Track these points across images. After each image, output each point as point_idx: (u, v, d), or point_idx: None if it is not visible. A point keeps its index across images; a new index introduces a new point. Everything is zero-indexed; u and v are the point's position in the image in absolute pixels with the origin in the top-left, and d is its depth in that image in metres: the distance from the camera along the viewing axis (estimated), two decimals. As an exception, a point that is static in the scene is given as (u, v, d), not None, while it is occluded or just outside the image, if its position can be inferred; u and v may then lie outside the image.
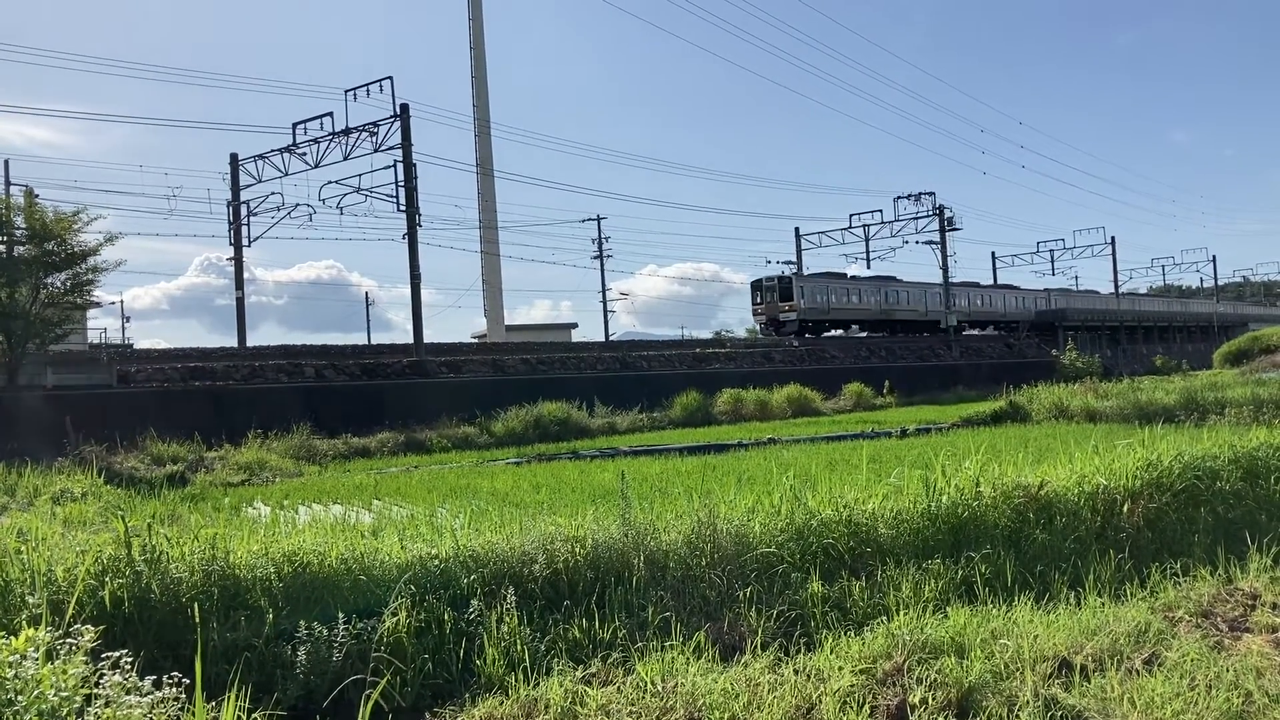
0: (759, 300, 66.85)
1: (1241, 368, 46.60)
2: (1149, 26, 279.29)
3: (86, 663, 4.83)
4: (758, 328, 69.37)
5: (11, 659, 4.56)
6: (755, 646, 6.66)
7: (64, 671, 4.60)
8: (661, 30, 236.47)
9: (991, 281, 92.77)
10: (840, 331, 70.44)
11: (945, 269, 69.90)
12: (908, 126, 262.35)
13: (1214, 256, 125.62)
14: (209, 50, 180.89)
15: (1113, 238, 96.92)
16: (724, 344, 63.70)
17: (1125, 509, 9.48)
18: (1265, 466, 10.76)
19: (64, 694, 4.43)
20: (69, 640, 5.08)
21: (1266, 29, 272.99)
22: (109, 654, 4.91)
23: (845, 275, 71.24)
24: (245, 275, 49.17)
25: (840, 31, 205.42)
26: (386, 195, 41.94)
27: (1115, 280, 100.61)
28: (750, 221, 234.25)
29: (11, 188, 39.95)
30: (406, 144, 41.50)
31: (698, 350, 53.53)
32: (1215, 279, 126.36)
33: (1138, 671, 6.07)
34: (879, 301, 71.21)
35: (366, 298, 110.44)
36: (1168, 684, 5.75)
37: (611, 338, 64.22)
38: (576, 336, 72.87)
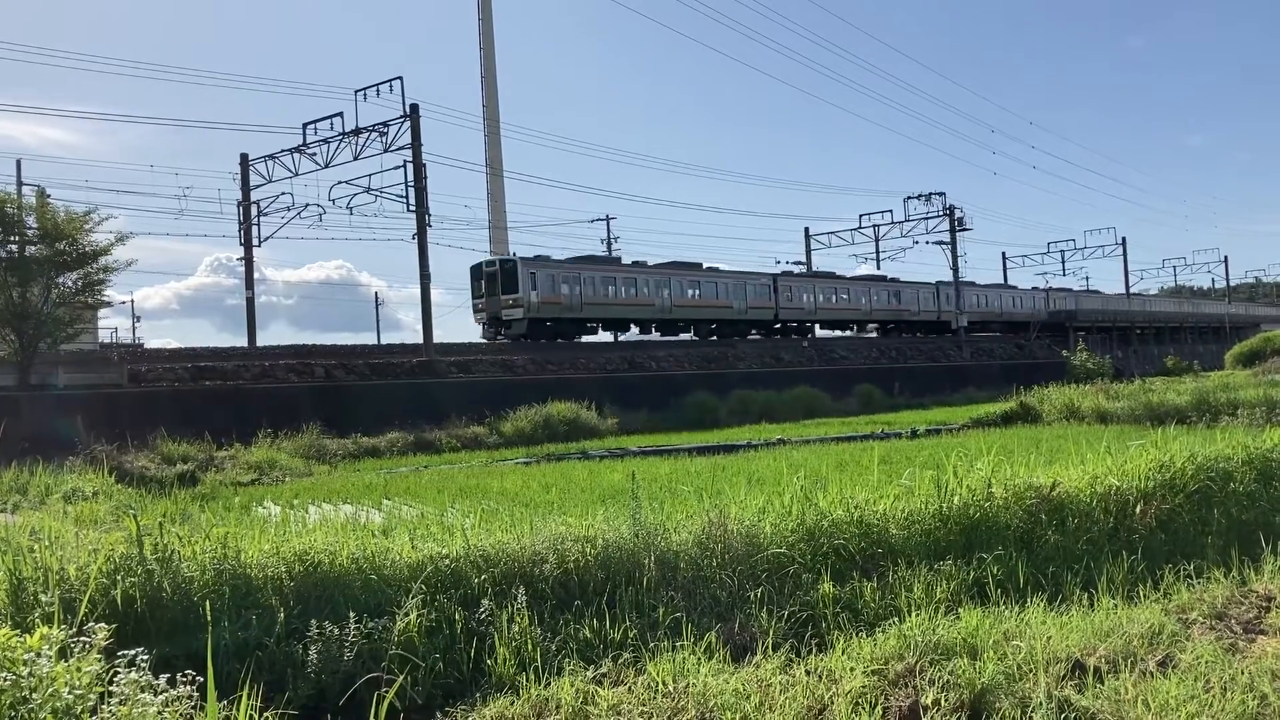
0: (479, 293, 49.82)
1: (1254, 369, 46.44)
2: (1161, 28, 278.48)
3: (100, 661, 4.84)
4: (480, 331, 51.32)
5: (26, 657, 4.58)
6: (766, 647, 6.64)
7: (78, 669, 4.62)
8: (672, 30, 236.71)
9: (970, 281, 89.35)
10: (606, 335, 55.99)
11: (955, 269, 69.83)
12: (919, 127, 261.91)
13: (1226, 257, 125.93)
14: (220, 51, 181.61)
15: (1124, 238, 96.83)
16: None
17: (1138, 510, 9.44)
18: (1279, 468, 10.70)
19: (78, 691, 4.44)
20: (82, 638, 5.10)
21: (1278, 33, 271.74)
22: (124, 652, 4.92)
23: (619, 261, 56.87)
24: (255, 275, 49.28)
25: (851, 32, 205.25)
26: (396, 195, 42.07)
27: (1126, 280, 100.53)
28: (761, 222, 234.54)
29: (24, 188, 40.09)
30: (416, 144, 41.57)
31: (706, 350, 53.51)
32: (1227, 280, 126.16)
33: (1151, 673, 6.04)
34: (711, 297, 57.88)
35: (376, 298, 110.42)
36: (1182, 686, 5.72)
37: (621, 338, 59.21)
38: (585, 337, 68.63)
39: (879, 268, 73.12)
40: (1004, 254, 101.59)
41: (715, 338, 58.34)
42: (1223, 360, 62.55)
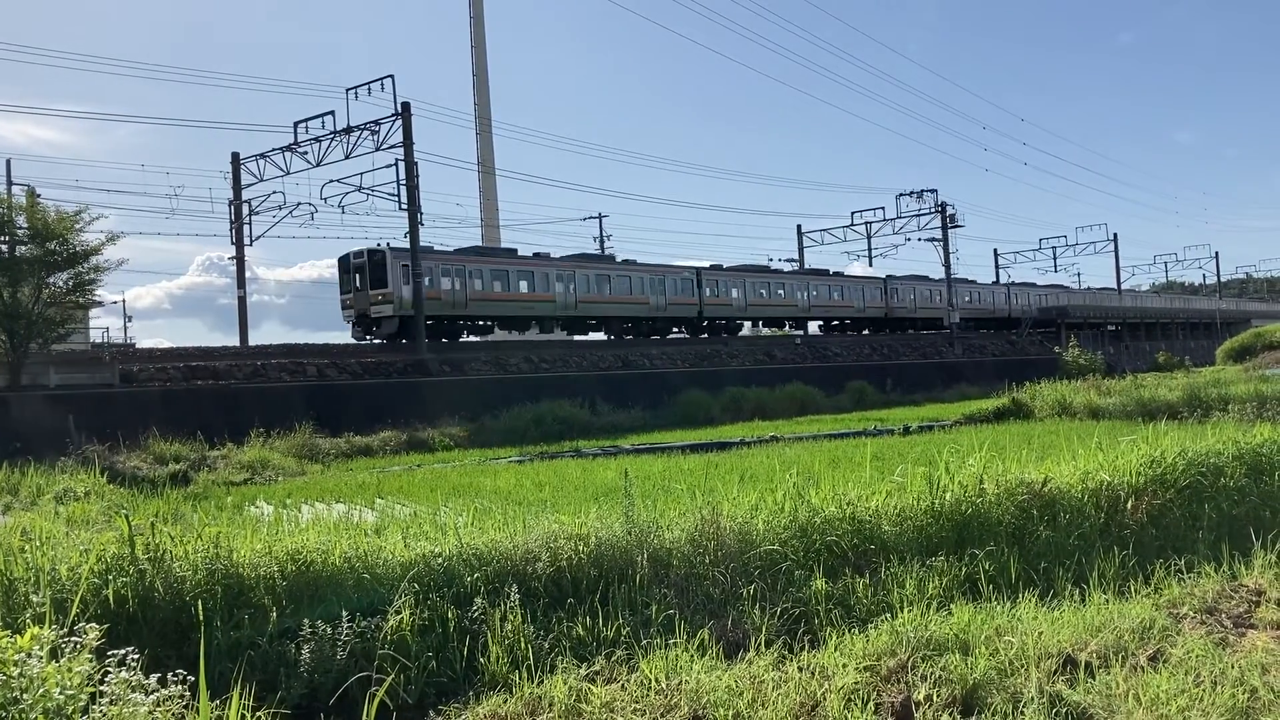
0: (347, 288, 43.65)
1: (1245, 364, 46.60)
2: (1151, 25, 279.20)
3: (91, 661, 4.84)
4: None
5: (17, 657, 4.57)
6: (759, 644, 6.65)
7: (69, 669, 4.61)
8: (663, 28, 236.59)
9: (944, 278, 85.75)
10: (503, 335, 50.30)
11: (948, 266, 69.83)
12: (911, 124, 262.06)
13: (1217, 253, 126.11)
14: (211, 50, 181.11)
15: (1115, 234, 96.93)
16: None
17: (1129, 505, 9.47)
18: (1269, 463, 10.76)
19: (69, 692, 4.43)
20: (73, 639, 5.09)
21: (1269, 28, 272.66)
22: (114, 652, 4.92)
23: (514, 252, 50.97)
24: (247, 274, 49.25)
25: (843, 29, 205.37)
26: (388, 194, 42.01)
27: (1118, 277, 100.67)
28: (753, 219, 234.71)
29: (14, 187, 39.96)
30: (408, 142, 41.51)
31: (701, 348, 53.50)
32: (1218, 275, 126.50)
33: (1143, 668, 6.06)
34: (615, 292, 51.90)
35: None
36: (1173, 680, 5.74)
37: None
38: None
39: (870, 264, 73.16)
40: (995, 250, 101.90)
41: (631, 337, 53.29)
42: (1214, 356, 62.85)
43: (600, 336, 53.78)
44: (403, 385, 37.32)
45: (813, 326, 67.41)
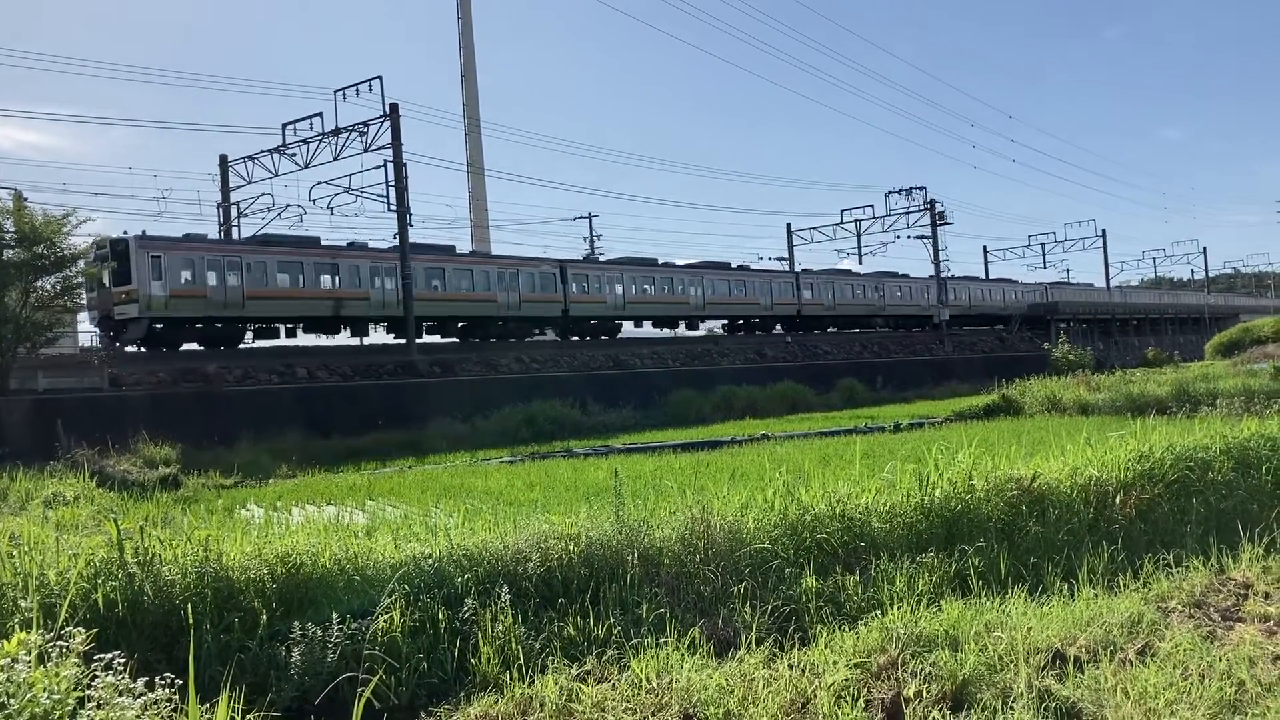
0: (90, 286, 34.61)
1: (1233, 359, 46.84)
2: (1137, 21, 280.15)
3: (79, 665, 4.82)
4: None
5: (3, 663, 4.55)
6: (750, 642, 6.66)
7: (56, 674, 4.60)
8: (652, 27, 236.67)
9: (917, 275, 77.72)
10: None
11: (936, 263, 70.00)
12: (899, 121, 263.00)
13: (1204, 248, 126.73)
14: (198, 52, 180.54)
15: (1103, 230, 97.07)
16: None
17: (1118, 500, 9.51)
18: (1256, 457, 10.79)
19: (56, 697, 4.42)
20: (61, 643, 5.07)
21: (1255, 25, 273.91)
22: (101, 656, 4.90)
23: (317, 241, 42.36)
24: (236, 277, 48.80)
25: (830, 27, 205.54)
26: (377, 195, 41.91)
27: (1106, 273, 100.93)
28: (743, 218, 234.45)
29: (0, 191, 39.75)
30: (397, 143, 41.43)
31: (692, 347, 53.50)
32: (1206, 271, 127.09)
33: (1131, 662, 6.09)
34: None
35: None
36: (1161, 674, 5.77)
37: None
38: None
39: (860, 262, 73.09)
40: (985, 247, 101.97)
41: (477, 339, 47.16)
42: (1202, 351, 63.11)
43: (436, 338, 47.12)
44: (393, 387, 37.29)
45: (714, 327, 62.88)
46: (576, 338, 51.77)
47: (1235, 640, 6.60)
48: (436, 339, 47.00)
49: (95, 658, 5.02)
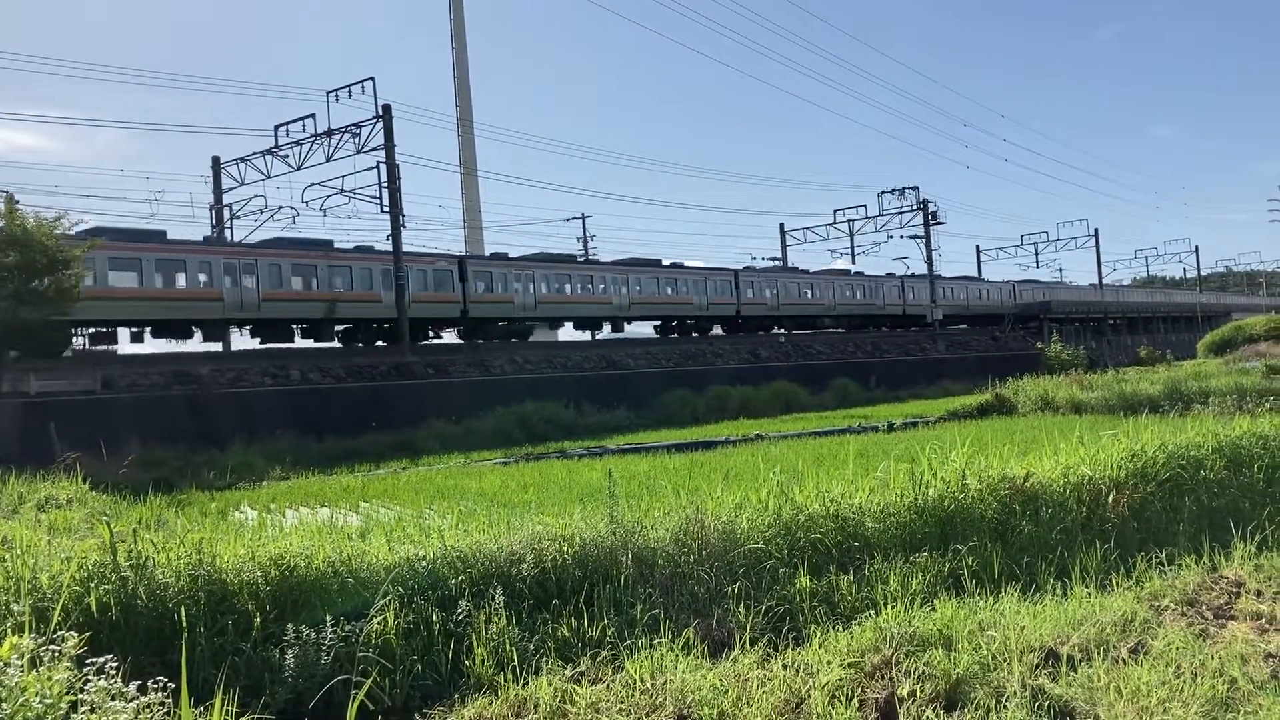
0: None
1: (1225, 357, 46.98)
2: (1128, 21, 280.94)
3: (71, 669, 4.81)
4: None
5: (-4, 667, 4.54)
6: (744, 642, 6.67)
7: (49, 678, 4.58)
8: (645, 28, 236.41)
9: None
10: None
11: (930, 263, 70.07)
12: (891, 121, 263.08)
13: (1196, 247, 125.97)
14: (190, 54, 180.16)
15: (1095, 229, 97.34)
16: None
17: (1110, 499, 9.53)
18: (1248, 455, 10.84)
19: (48, 701, 4.41)
20: (53, 647, 5.06)
21: (1245, 24, 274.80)
22: (94, 660, 4.89)
23: (161, 235, 38.20)
24: (229, 278, 48.65)
25: (823, 28, 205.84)
26: (370, 196, 41.84)
27: (1099, 272, 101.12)
28: (736, 218, 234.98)
29: (-8, 194, 39.58)
30: (389, 145, 41.38)
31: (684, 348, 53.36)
32: (1198, 269, 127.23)
33: (1124, 661, 6.10)
34: None
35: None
36: (1154, 672, 5.79)
37: (598, 336, 55.52)
38: (562, 336, 58.45)
39: (854, 262, 73.15)
40: (978, 247, 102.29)
41: (361, 344, 42.64)
42: (1195, 349, 63.19)
43: (308, 344, 41.73)
44: (387, 388, 37.24)
45: (645, 330, 58.51)
46: (482, 340, 46.73)
47: (1228, 638, 6.62)
48: (310, 343, 42.26)
49: (88, 661, 5.01)
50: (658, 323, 58.42)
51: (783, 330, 61.85)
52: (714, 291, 57.35)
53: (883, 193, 71.03)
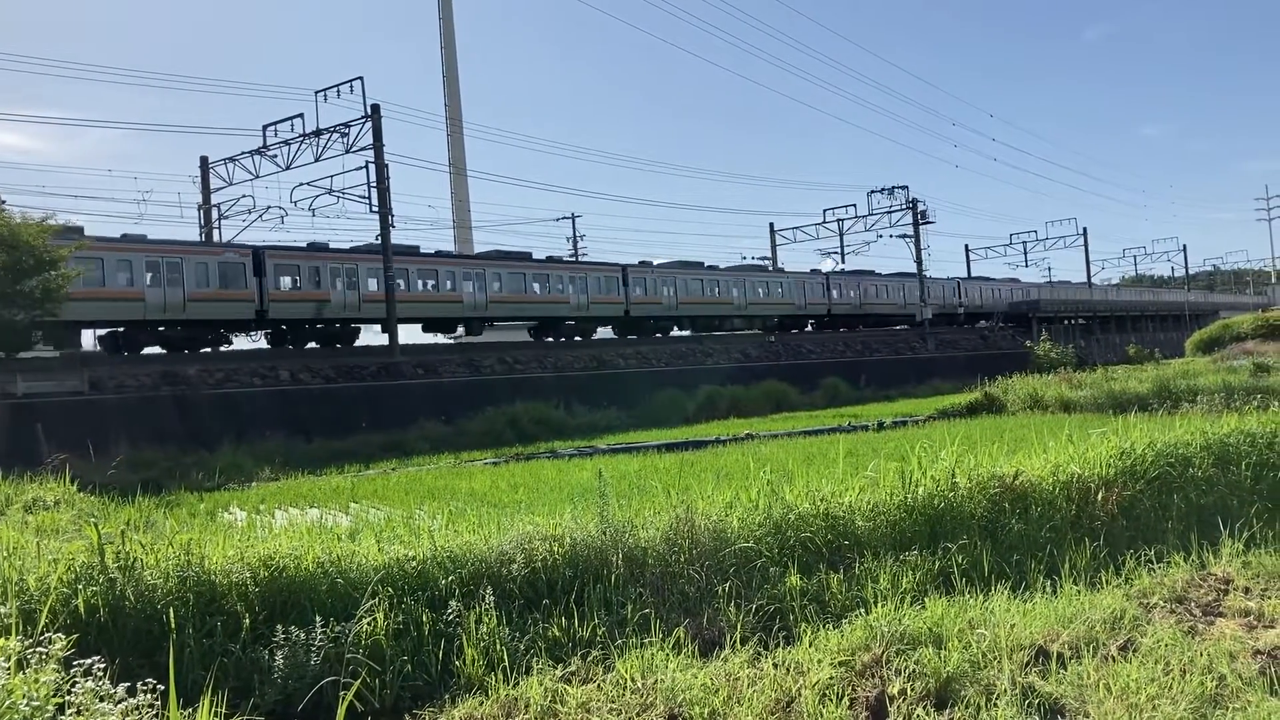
0: None
1: (1213, 355, 47.17)
2: (1117, 21, 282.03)
3: (58, 671, 4.79)
4: None
5: (-18, 669, 4.51)
6: (734, 641, 6.67)
7: (35, 680, 4.56)
8: (634, 28, 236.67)
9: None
10: None
11: (919, 262, 70.19)
12: (881, 120, 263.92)
13: (1185, 246, 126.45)
14: (178, 54, 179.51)
15: (1084, 228, 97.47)
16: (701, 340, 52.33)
17: (1100, 497, 9.56)
18: (1236, 452, 10.88)
19: (35, 703, 4.39)
20: (40, 649, 5.03)
21: (1233, 24, 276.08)
22: (81, 661, 4.87)
23: None
24: (217, 279, 48.38)
25: (812, 27, 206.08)
26: (359, 196, 41.72)
27: (1088, 270, 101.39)
28: (725, 217, 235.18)
29: (-22, 194, 39.30)
30: (378, 144, 41.28)
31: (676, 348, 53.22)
32: (1186, 268, 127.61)
33: (1113, 658, 6.12)
34: None
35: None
36: (1143, 670, 5.80)
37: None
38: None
39: (843, 261, 73.20)
40: (967, 246, 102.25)
41: (126, 350, 37.11)
42: (1183, 347, 63.45)
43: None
44: (376, 389, 37.17)
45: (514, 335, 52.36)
46: (292, 346, 41.19)
47: (1216, 635, 6.64)
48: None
49: (75, 663, 4.98)
50: (532, 324, 52.31)
51: (687, 332, 56.29)
52: (596, 289, 50.80)
53: (872, 192, 71.14)
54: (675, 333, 56.88)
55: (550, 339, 50.90)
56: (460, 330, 50.28)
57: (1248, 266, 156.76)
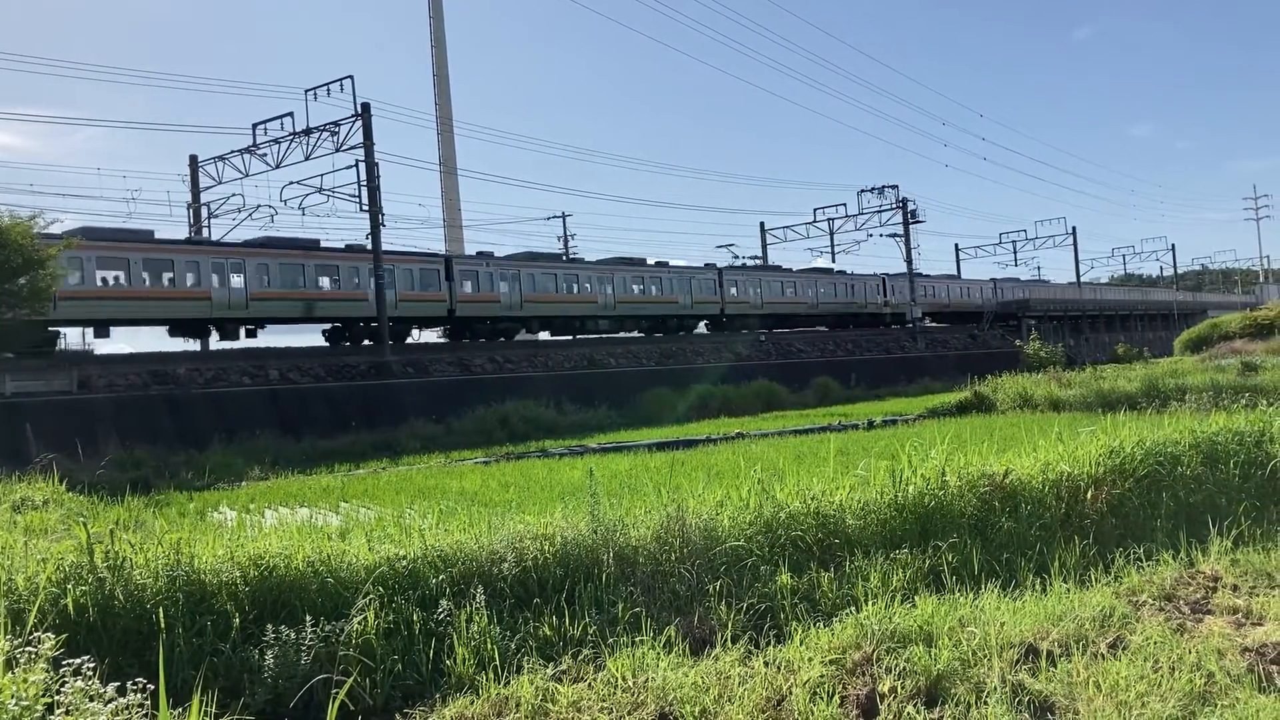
0: None
1: (1201, 354, 47.43)
2: (1106, 22, 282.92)
3: (47, 671, 4.77)
4: None
5: (-30, 670, 4.49)
6: (725, 640, 6.68)
7: (24, 680, 4.54)
8: (624, 27, 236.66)
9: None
10: None
11: (909, 261, 70.29)
12: (871, 120, 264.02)
13: (1173, 245, 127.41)
14: (168, 52, 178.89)
15: (1074, 228, 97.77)
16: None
17: (1089, 495, 9.59)
18: (1224, 451, 10.91)
19: (25, 703, 4.37)
20: (29, 649, 5.01)
21: (1221, 25, 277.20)
22: (70, 661, 4.85)
23: None
24: (206, 278, 48.16)
25: (803, 27, 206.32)
26: (349, 195, 41.60)
27: (1077, 270, 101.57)
28: (716, 217, 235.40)
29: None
30: (368, 143, 41.18)
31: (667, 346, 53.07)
32: (1174, 267, 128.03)
33: (1103, 656, 6.14)
34: None
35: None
36: (1132, 667, 5.83)
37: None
38: (544, 336, 51.56)
39: (834, 260, 73.23)
40: (957, 245, 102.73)
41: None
42: (1172, 346, 63.78)
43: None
44: (366, 387, 37.10)
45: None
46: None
47: (1205, 632, 6.67)
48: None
49: (64, 663, 4.96)
50: (442, 328, 47.57)
51: (544, 334, 50.82)
52: (406, 283, 43.65)
53: (862, 191, 71.16)
54: (523, 336, 49.32)
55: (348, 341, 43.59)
56: (344, 333, 43.93)
57: (1236, 266, 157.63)
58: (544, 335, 51.82)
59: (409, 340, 46.07)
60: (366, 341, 42.93)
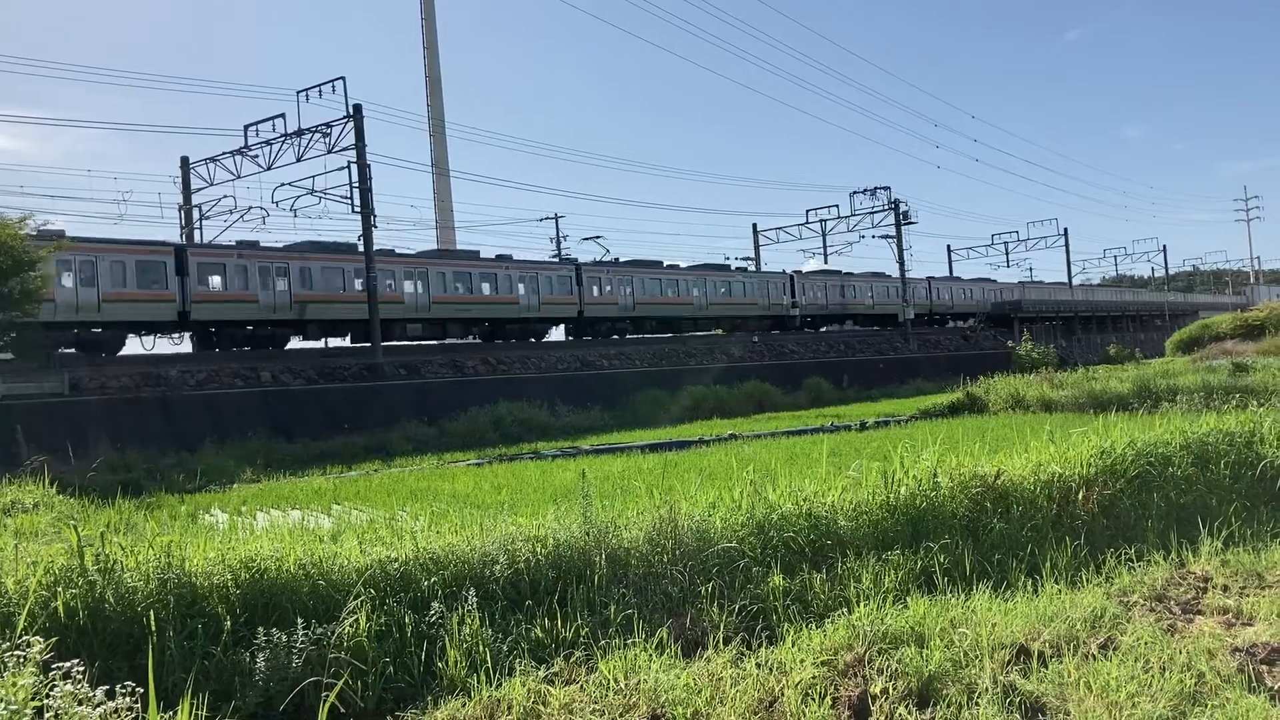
0: None
1: (1193, 355, 47.56)
2: (1097, 24, 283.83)
3: (37, 674, 4.75)
4: None
5: (-41, 673, 4.47)
6: (717, 641, 6.67)
7: (13, 684, 4.53)
8: (618, 28, 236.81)
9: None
10: None
11: (901, 262, 70.39)
12: (864, 122, 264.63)
13: (1165, 246, 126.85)
14: (159, 53, 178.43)
15: (1065, 229, 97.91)
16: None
17: (1080, 496, 9.61)
18: (1215, 451, 10.94)
19: (13, 707, 4.35)
20: (19, 652, 5.00)
21: (1212, 27, 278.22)
22: (60, 664, 4.83)
23: None
24: (198, 279, 48.01)
25: (795, 28, 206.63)
26: (340, 197, 41.47)
27: (1069, 271, 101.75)
28: (709, 218, 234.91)
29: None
30: (360, 145, 41.09)
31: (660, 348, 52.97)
32: (1166, 268, 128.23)
33: (1094, 656, 6.15)
34: None
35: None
36: (1123, 667, 5.84)
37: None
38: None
39: (826, 262, 73.32)
40: (949, 246, 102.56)
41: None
42: (1163, 347, 63.88)
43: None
44: (359, 389, 37.03)
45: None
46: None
47: (1195, 633, 6.69)
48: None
49: (54, 666, 4.95)
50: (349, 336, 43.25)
51: (432, 340, 45.68)
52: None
53: (855, 193, 71.23)
54: (296, 344, 41.49)
55: (409, 340, 43.58)
56: (300, 341, 41.52)
57: (1227, 267, 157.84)
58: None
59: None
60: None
